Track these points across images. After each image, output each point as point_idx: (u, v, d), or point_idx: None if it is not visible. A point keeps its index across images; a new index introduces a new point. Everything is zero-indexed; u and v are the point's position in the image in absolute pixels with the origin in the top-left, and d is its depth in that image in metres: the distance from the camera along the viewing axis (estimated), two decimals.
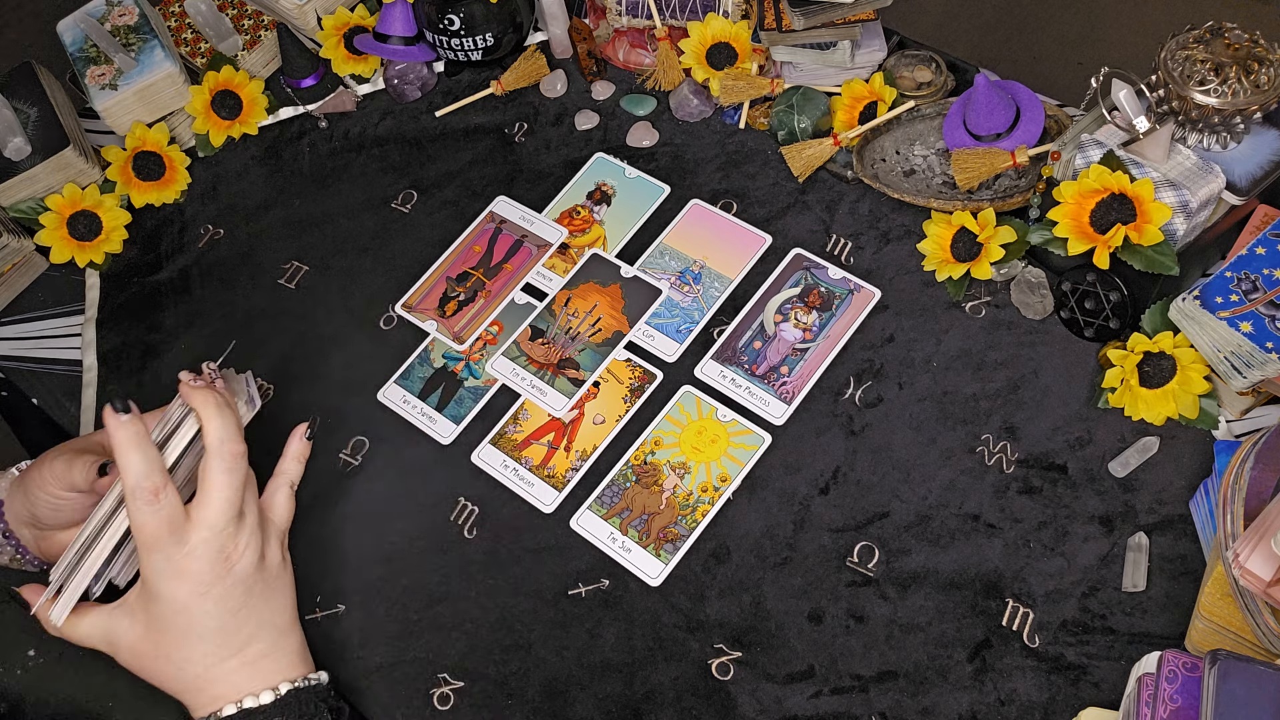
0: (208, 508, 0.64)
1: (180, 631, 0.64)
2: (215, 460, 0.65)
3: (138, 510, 0.62)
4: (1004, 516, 0.76)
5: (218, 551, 0.64)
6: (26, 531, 0.73)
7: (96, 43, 1.02)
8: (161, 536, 0.62)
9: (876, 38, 0.94)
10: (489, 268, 0.93)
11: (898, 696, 0.70)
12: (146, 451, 0.62)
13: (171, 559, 0.63)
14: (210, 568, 0.64)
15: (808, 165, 0.92)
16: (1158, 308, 0.78)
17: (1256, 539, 0.61)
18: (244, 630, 0.66)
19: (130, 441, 0.62)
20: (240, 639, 0.66)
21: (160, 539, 0.62)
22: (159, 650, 0.65)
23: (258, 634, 0.66)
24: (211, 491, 0.64)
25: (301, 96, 1.06)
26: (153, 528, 0.62)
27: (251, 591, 0.66)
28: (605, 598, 0.76)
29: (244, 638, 0.66)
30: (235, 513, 0.65)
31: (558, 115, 1.02)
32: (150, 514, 0.62)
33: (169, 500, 0.62)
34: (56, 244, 0.97)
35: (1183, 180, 0.76)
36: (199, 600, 0.64)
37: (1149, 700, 0.60)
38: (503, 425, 0.84)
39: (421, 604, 0.77)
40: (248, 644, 0.66)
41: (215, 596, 0.64)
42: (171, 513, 0.62)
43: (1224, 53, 0.77)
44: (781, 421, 0.82)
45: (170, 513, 0.62)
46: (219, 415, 0.66)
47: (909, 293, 0.87)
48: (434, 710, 0.73)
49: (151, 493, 0.62)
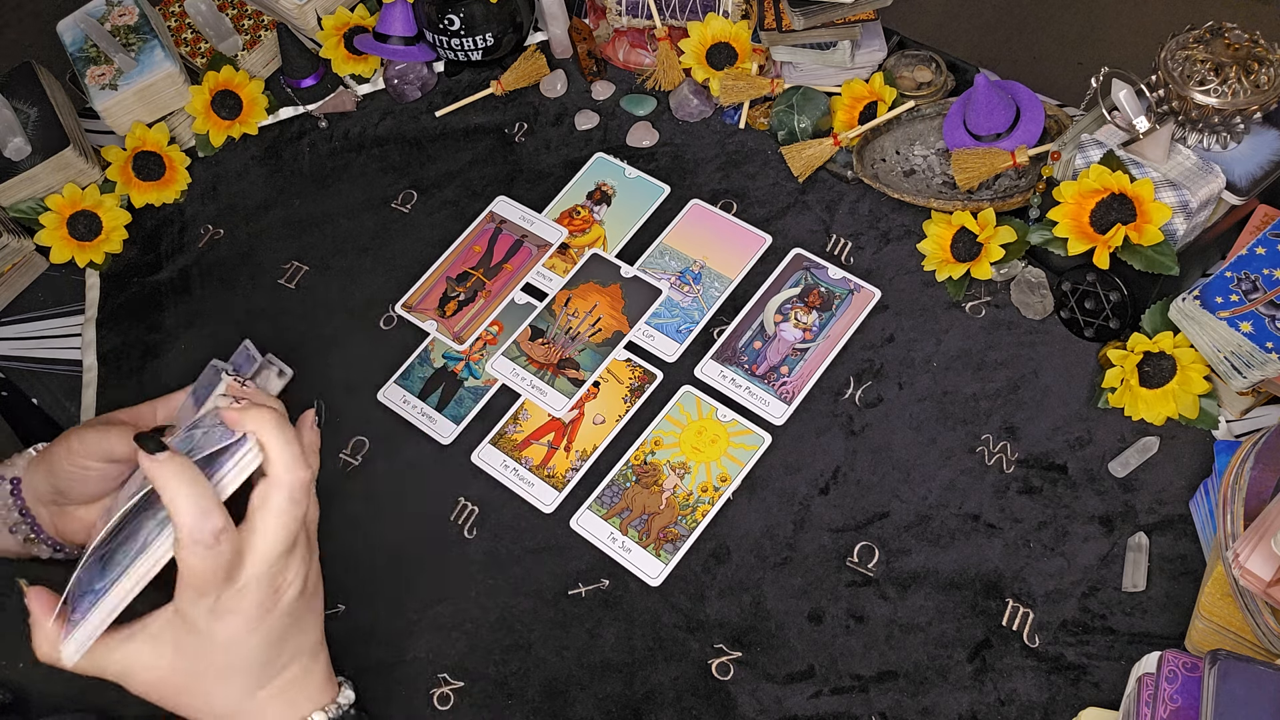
0: (265, 543, 0.57)
1: (217, 669, 0.59)
2: (279, 491, 0.57)
3: (193, 555, 0.55)
4: (1004, 516, 0.76)
5: (269, 586, 0.58)
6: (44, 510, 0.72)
7: (96, 43, 1.02)
8: (216, 578, 0.56)
9: (876, 38, 0.94)
10: (489, 268, 0.93)
11: (898, 696, 0.70)
12: (200, 488, 0.55)
13: (222, 599, 0.57)
14: (260, 603, 0.58)
15: (808, 165, 0.92)
16: (1158, 308, 0.78)
17: (1256, 539, 0.61)
18: (281, 659, 0.61)
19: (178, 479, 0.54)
20: (276, 669, 0.61)
21: (214, 582, 0.56)
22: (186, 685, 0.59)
23: (293, 661, 0.62)
24: (270, 524, 0.57)
25: (301, 96, 1.06)
26: (207, 572, 0.55)
27: (294, 620, 0.61)
28: (605, 598, 0.76)
29: (279, 667, 0.61)
30: (292, 543, 0.59)
31: (558, 115, 1.02)
32: (211, 559, 0.55)
33: (229, 543, 0.55)
34: (56, 244, 0.97)
35: (1183, 180, 0.76)
36: (246, 638, 0.58)
37: (1149, 700, 0.60)
38: (503, 425, 0.84)
39: (421, 604, 0.77)
40: (281, 673, 0.62)
41: (262, 633, 0.59)
42: (231, 556, 0.56)
43: (1224, 53, 0.77)
44: (781, 421, 0.82)
45: (230, 557, 0.56)
46: (281, 436, 0.58)
47: (909, 293, 0.87)
48: (434, 710, 0.73)
49: (213, 535, 0.55)
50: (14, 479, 0.73)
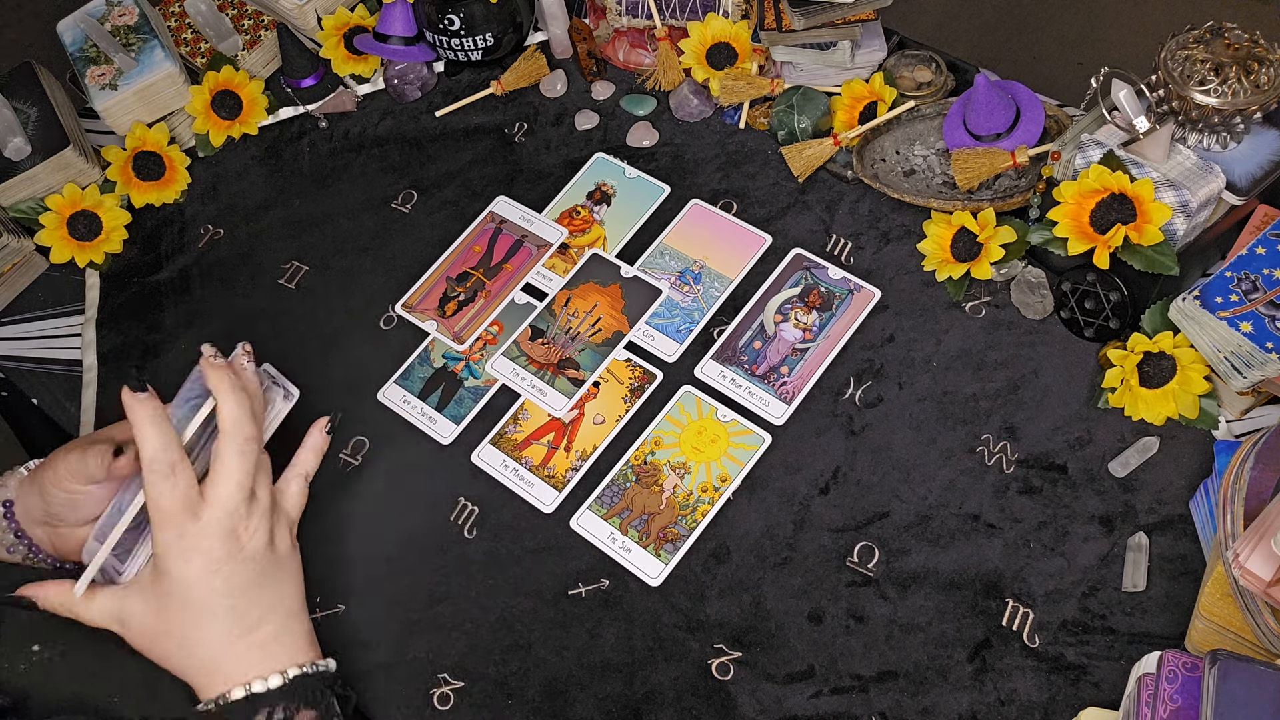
0: (220, 487, 0.66)
1: (191, 610, 0.65)
2: (228, 441, 0.66)
3: (153, 485, 0.64)
4: (1004, 516, 0.76)
5: (229, 531, 0.65)
6: (40, 531, 0.73)
7: (96, 43, 1.02)
8: (175, 512, 0.64)
9: (876, 38, 0.94)
10: (489, 268, 0.93)
11: (898, 696, 0.70)
12: (163, 428, 0.65)
13: (184, 535, 0.64)
14: (221, 545, 0.65)
15: (808, 165, 0.92)
16: (1158, 308, 0.78)
17: (1256, 539, 0.61)
18: (253, 611, 0.66)
19: (148, 418, 0.64)
20: (250, 620, 0.66)
21: (174, 514, 0.64)
22: (169, 629, 0.66)
23: (267, 616, 0.67)
24: (224, 472, 0.66)
25: (301, 96, 1.06)
26: (167, 502, 0.64)
27: (262, 573, 0.67)
28: (605, 598, 0.76)
29: (253, 619, 0.66)
30: (246, 494, 0.67)
31: (558, 115, 1.02)
32: (167, 489, 0.64)
33: (184, 476, 0.64)
34: (56, 244, 0.97)
35: (1183, 180, 0.76)
36: (209, 577, 0.65)
37: (1149, 700, 0.60)
38: (503, 425, 0.84)
39: (421, 604, 0.77)
40: (257, 626, 0.67)
41: (225, 575, 0.65)
42: (186, 489, 0.64)
43: (1224, 53, 0.77)
44: (781, 421, 0.82)
45: (185, 489, 0.64)
46: (233, 397, 0.67)
47: (909, 293, 0.87)
48: (434, 710, 0.73)
49: (169, 467, 0.64)
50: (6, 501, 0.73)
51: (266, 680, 0.65)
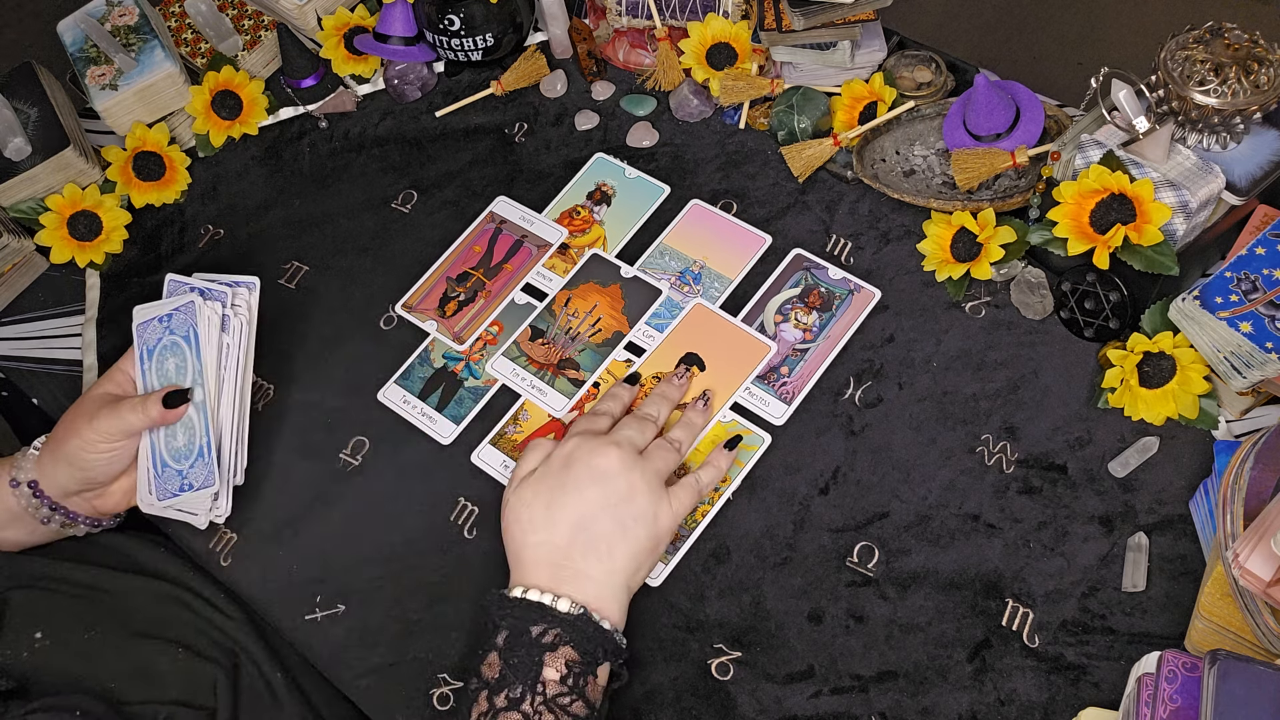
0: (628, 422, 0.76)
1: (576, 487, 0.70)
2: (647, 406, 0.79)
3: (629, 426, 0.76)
4: (1004, 516, 0.76)
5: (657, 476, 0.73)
6: (76, 500, 0.77)
7: (96, 43, 1.02)
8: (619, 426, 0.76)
9: (876, 38, 0.94)
10: (489, 268, 0.93)
11: (898, 696, 0.70)
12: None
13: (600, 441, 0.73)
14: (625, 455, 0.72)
15: (808, 165, 0.92)
16: (1158, 308, 0.78)
17: (1256, 539, 0.61)
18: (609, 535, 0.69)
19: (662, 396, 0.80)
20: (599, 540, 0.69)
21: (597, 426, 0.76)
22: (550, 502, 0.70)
23: (613, 550, 0.69)
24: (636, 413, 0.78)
25: (301, 96, 1.06)
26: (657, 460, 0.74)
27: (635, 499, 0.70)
28: None
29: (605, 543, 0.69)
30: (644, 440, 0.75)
31: (558, 115, 1.02)
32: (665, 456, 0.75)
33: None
34: (57, 244, 0.97)
35: (1183, 180, 0.76)
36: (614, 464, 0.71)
37: (1149, 700, 0.60)
38: (503, 425, 0.84)
39: (421, 604, 0.77)
40: (599, 552, 0.69)
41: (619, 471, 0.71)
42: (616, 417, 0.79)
43: (1224, 53, 0.77)
44: (781, 421, 0.82)
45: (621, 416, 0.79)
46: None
47: (909, 293, 0.87)
48: (434, 710, 0.73)
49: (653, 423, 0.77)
50: (31, 482, 0.74)
51: (571, 601, 0.66)
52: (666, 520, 0.72)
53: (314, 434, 0.86)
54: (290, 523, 0.82)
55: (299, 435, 0.86)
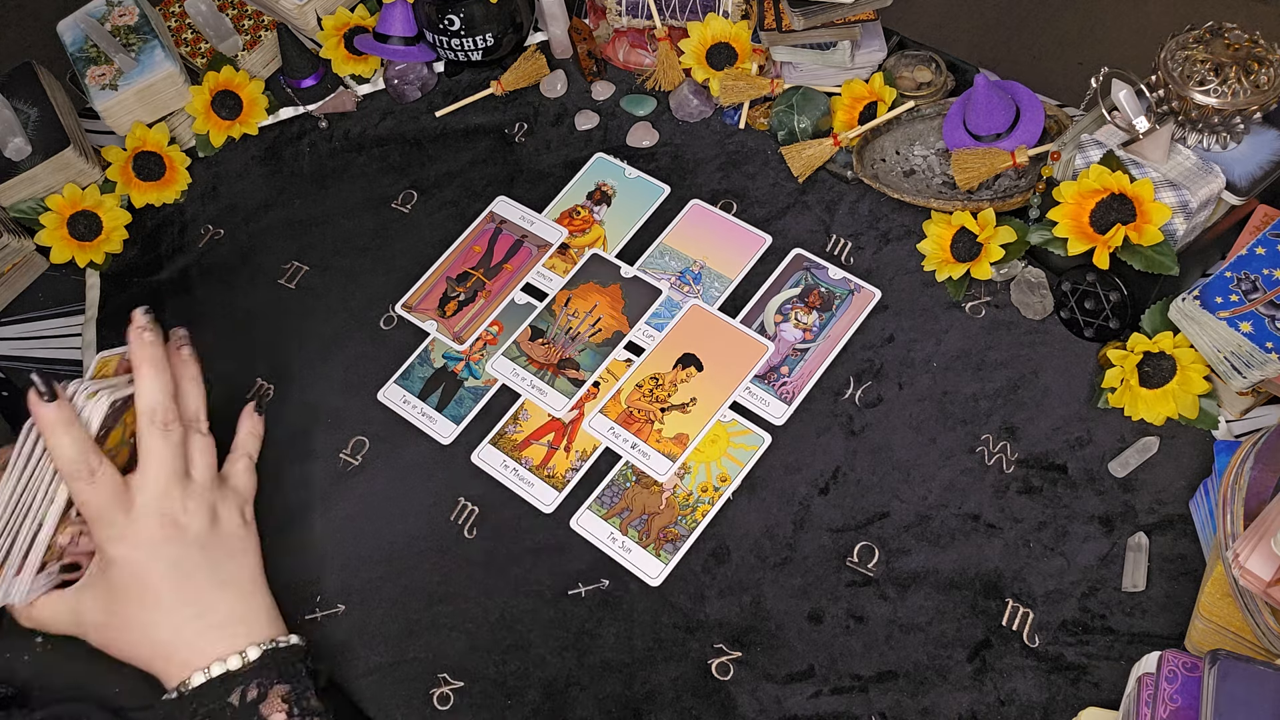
0: (147, 472, 0.66)
1: (139, 596, 0.65)
2: (147, 426, 0.67)
3: (78, 490, 0.64)
4: (1004, 516, 0.76)
5: (163, 514, 0.66)
6: None
7: (96, 43, 1.02)
8: (106, 506, 0.65)
9: (876, 38, 0.94)
10: (489, 268, 0.93)
11: (898, 696, 0.70)
12: (75, 433, 0.64)
13: (118, 526, 0.65)
14: (159, 529, 0.66)
15: (808, 165, 0.92)
16: (1158, 308, 0.78)
17: (1256, 539, 0.61)
18: (204, 593, 0.66)
19: (59, 424, 0.64)
20: (203, 602, 0.66)
21: (105, 510, 0.65)
22: (122, 620, 0.65)
23: (220, 596, 0.67)
24: (149, 455, 0.67)
25: (301, 96, 1.06)
26: (96, 502, 0.64)
27: (209, 553, 0.67)
28: (605, 598, 0.76)
29: (206, 602, 0.66)
30: (175, 476, 0.67)
31: (558, 115, 1.02)
32: (91, 492, 0.64)
33: (105, 475, 0.65)
34: (56, 244, 0.97)
35: (1183, 180, 0.76)
36: (153, 562, 0.65)
37: (1149, 700, 0.60)
38: (503, 425, 0.84)
39: (421, 604, 0.77)
40: (211, 608, 0.66)
41: (168, 558, 0.65)
42: (111, 486, 0.65)
43: (1224, 53, 0.77)
44: (781, 421, 0.82)
45: (109, 486, 0.65)
46: (152, 376, 0.67)
47: (909, 293, 0.87)
48: (434, 710, 0.73)
49: (88, 472, 0.64)
50: None
51: (226, 662, 0.64)
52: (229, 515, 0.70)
53: (314, 434, 0.86)
54: (290, 523, 0.82)
55: (299, 435, 0.86)
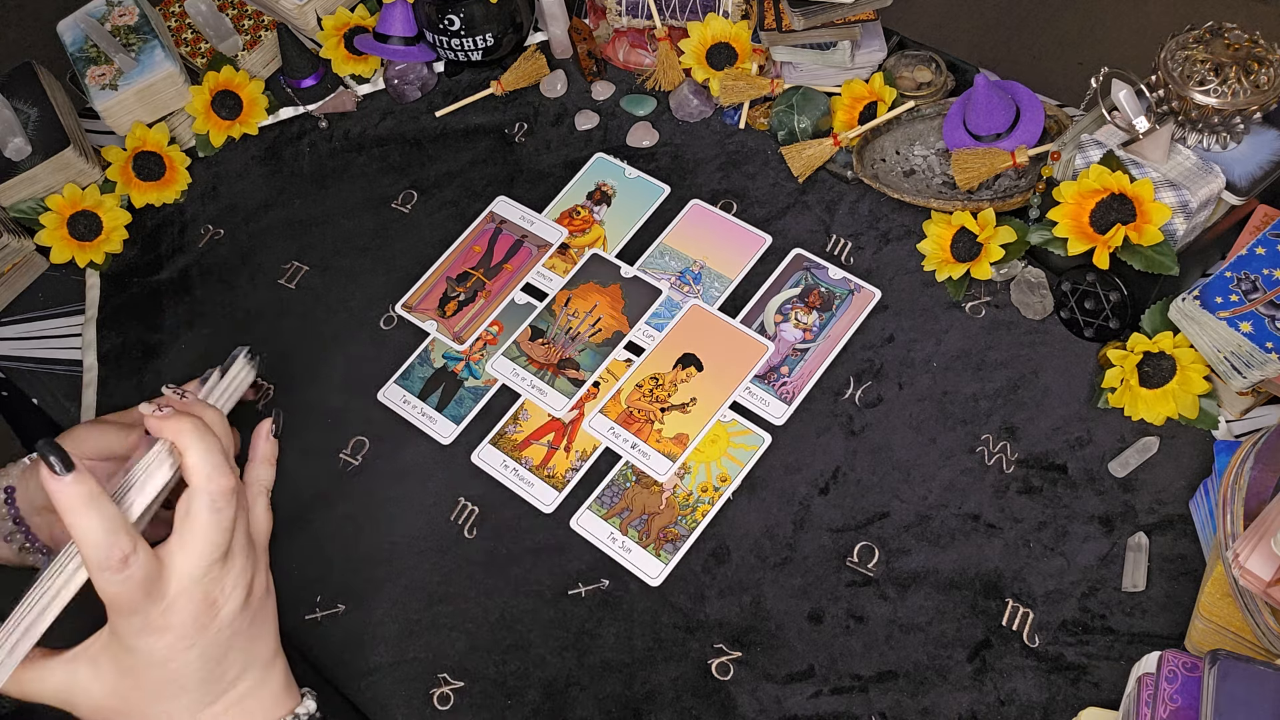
0: (189, 555, 0.55)
1: (157, 687, 0.56)
2: (201, 498, 0.56)
3: (106, 582, 0.53)
4: (1004, 516, 0.76)
5: (201, 600, 0.56)
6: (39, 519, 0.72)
7: (97, 43, 1.02)
8: (136, 600, 0.54)
9: (876, 38, 0.94)
10: (489, 268, 0.93)
11: (898, 696, 0.70)
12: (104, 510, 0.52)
13: (149, 618, 0.54)
14: (194, 620, 0.55)
15: (808, 165, 0.92)
16: (1158, 308, 0.78)
17: (1256, 539, 0.61)
18: (228, 675, 0.59)
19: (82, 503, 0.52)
20: (224, 685, 0.59)
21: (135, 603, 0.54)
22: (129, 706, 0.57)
23: (242, 675, 0.60)
24: (195, 535, 0.55)
25: (301, 96, 1.06)
26: (125, 596, 0.53)
27: (238, 633, 0.58)
28: (605, 598, 0.76)
29: (227, 683, 0.59)
30: (221, 554, 0.56)
31: (558, 115, 1.02)
32: (120, 583, 0.53)
33: (139, 563, 0.53)
34: (57, 244, 0.97)
35: (1183, 180, 0.76)
36: (182, 654, 0.56)
37: (1149, 700, 0.60)
38: (503, 425, 0.84)
39: (421, 604, 0.77)
40: (231, 688, 0.59)
41: (200, 648, 0.56)
42: (145, 575, 0.53)
43: (1224, 53, 0.77)
44: (781, 421, 0.82)
45: (144, 575, 0.53)
46: (200, 444, 0.56)
47: (909, 293, 0.87)
48: (434, 710, 0.73)
49: (120, 560, 0.52)
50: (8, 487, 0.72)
51: None
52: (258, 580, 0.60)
53: (314, 434, 0.86)
54: (290, 523, 0.82)
55: (299, 435, 0.86)
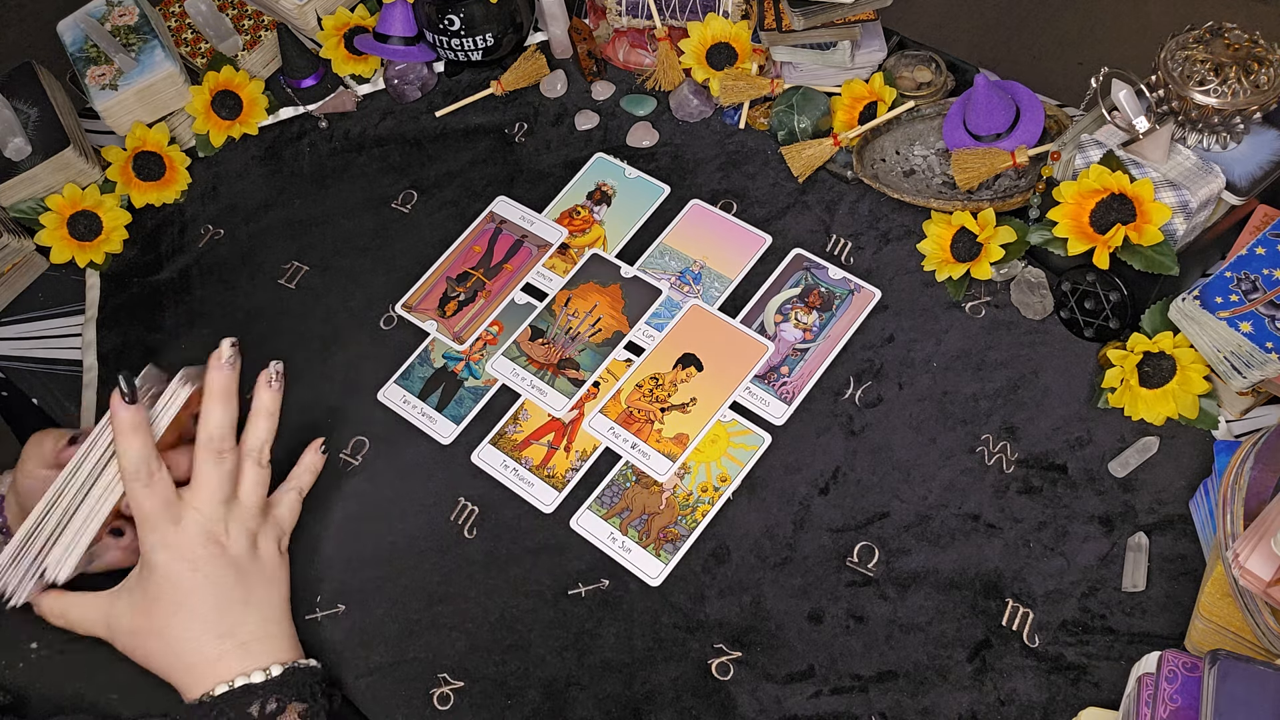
0: (197, 493, 0.70)
1: (174, 604, 0.68)
2: (204, 451, 0.71)
3: (136, 491, 0.68)
4: (1004, 516, 0.76)
5: (207, 533, 0.70)
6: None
7: (97, 43, 1.02)
8: (157, 512, 0.68)
9: (876, 38, 0.94)
10: (489, 268, 0.93)
11: (898, 696, 0.70)
12: (145, 437, 0.68)
13: (166, 534, 0.68)
14: (202, 545, 0.69)
15: (808, 165, 0.92)
16: (1157, 308, 0.78)
17: (1256, 539, 0.61)
18: (235, 611, 0.69)
19: (132, 426, 0.68)
20: (231, 619, 0.69)
21: (156, 515, 0.68)
22: (154, 626, 0.68)
23: (248, 617, 0.70)
24: (199, 479, 0.71)
25: (301, 96, 1.06)
26: (150, 505, 0.68)
27: (244, 575, 0.71)
28: (605, 598, 0.76)
29: (235, 618, 0.69)
30: (223, 499, 0.71)
31: (558, 115, 1.02)
32: (147, 494, 0.68)
33: (161, 482, 0.69)
34: (56, 244, 0.97)
35: (1183, 180, 0.76)
36: (191, 574, 0.68)
37: (1149, 700, 0.60)
38: (503, 425, 0.84)
39: (421, 604, 0.77)
40: (239, 625, 0.69)
41: (206, 573, 0.69)
42: (165, 494, 0.69)
43: (1224, 53, 0.77)
44: (781, 421, 0.82)
45: (164, 493, 0.69)
46: (222, 410, 0.71)
47: (909, 293, 0.87)
48: (434, 710, 0.73)
49: (148, 475, 0.68)
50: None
51: (249, 675, 0.67)
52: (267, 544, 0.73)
53: (314, 434, 0.86)
54: None
55: (299, 435, 0.86)
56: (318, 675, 0.70)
